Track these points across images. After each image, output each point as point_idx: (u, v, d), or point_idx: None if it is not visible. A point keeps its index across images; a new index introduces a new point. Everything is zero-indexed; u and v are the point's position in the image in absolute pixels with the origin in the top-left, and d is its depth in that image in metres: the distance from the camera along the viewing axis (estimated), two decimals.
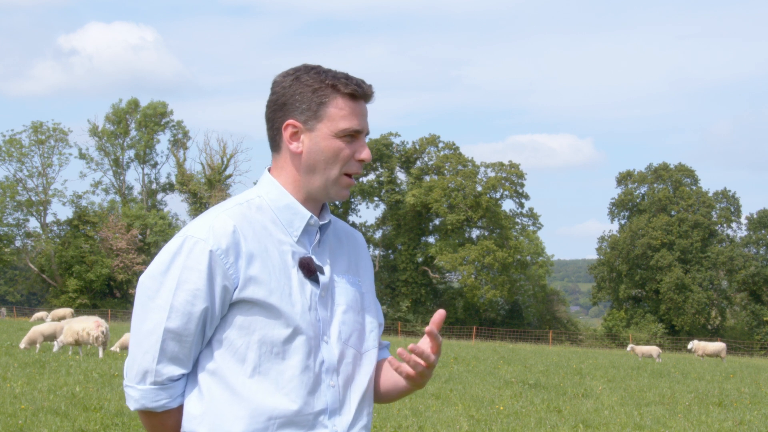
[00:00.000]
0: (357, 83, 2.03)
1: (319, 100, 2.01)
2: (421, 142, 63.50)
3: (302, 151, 2.04)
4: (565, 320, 61.50)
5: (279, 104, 2.05)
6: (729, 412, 12.68)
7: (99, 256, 57.23)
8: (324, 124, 2.01)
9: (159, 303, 1.96)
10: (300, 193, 2.07)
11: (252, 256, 1.98)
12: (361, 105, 2.05)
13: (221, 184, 61.14)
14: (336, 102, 2.01)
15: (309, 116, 2.02)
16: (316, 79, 2.02)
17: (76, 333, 18.29)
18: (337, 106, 2.01)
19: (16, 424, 8.72)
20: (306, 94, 2.02)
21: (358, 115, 2.03)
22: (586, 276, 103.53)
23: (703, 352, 30.08)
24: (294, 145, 2.04)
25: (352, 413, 2.03)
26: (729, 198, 62.02)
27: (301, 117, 2.03)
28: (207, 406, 1.97)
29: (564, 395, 14.22)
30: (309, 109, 2.02)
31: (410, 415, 10.67)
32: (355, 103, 2.03)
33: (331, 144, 2.02)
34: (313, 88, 2.02)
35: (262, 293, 1.97)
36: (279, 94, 2.05)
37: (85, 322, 18.75)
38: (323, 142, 2.02)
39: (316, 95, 2.01)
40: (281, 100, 2.04)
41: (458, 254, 57.58)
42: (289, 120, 2.03)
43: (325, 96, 2.01)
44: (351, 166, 2.04)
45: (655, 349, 28.42)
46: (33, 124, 59.48)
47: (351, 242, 2.22)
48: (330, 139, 2.02)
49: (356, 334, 2.10)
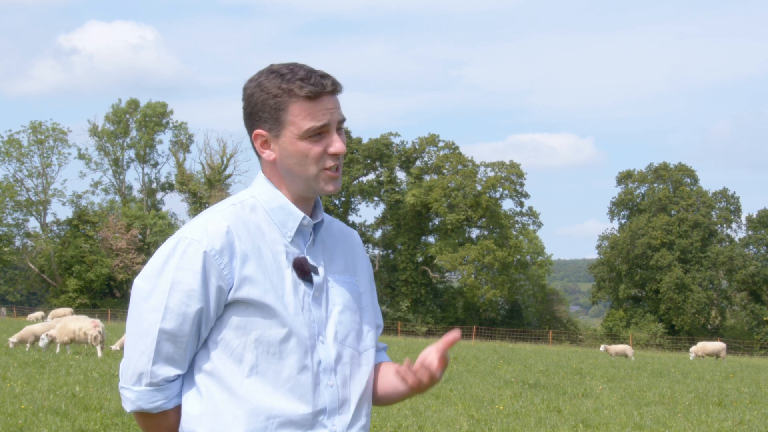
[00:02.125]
0: (314, 83, 2.00)
1: (278, 107, 2.00)
2: (421, 141, 63.52)
3: (275, 158, 2.05)
4: (564, 320, 61.51)
5: (247, 113, 2.06)
6: (729, 412, 12.67)
7: (99, 255, 57.25)
8: (287, 129, 2.01)
9: (154, 304, 1.96)
10: (289, 194, 2.08)
11: (246, 256, 1.98)
12: (323, 101, 2.01)
13: (221, 183, 61.13)
14: (294, 107, 2.00)
15: (272, 124, 2.02)
16: (274, 84, 2.01)
17: (72, 332, 18.25)
18: (294, 112, 2.00)
19: (16, 423, 8.71)
20: (267, 102, 2.01)
21: (321, 111, 2.01)
22: (586, 276, 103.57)
23: (702, 352, 30.10)
24: (266, 153, 2.05)
25: (351, 413, 2.04)
26: (729, 198, 62.03)
27: (266, 126, 2.03)
28: (206, 406, 1.98)
29: (564, 395, 14.21)
30: (271, 117, 2.02)
31: (410, 414, 10.67)
32: (314, 102, 2.00)
33: (299, 147, 2.01)
34: (272, 95, 2.01)
35: (257, 293, 1.97)
36: (246, 102, 2.06)
37: (82, 322, 18.70)
38: (291, 146, 2.02)
39: (275, 102, 2.01)
40: (248, 109, 2.05)
41: (458, 254, 57.59)
42: (256, 130, 2.04)
43: (283, 102, 2.00)
44: (325, 161, 2.03)
45: (629, 349, 28.76)
46: (32, 124, 59.52)
47: (347, 242, 2.22)
48: (296, 143, 2.01)
49: (353, 334, 2.09)
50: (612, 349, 28.53)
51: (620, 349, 28.47)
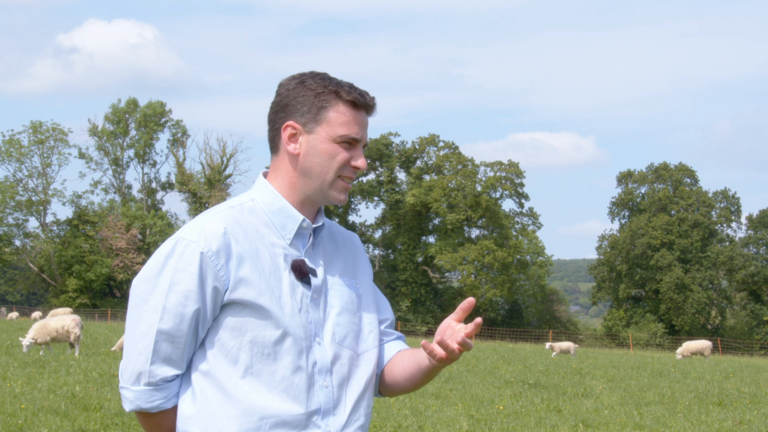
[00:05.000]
0: (360, 93, 2.06)
1: (321, 104, 2.04)
2: (421, 141, 63.54)
3: (299, 153, 2.06)
4: (564, 320, 61.52)
5: (281, 106, 2.08)
6: (729, 412, 12.66)
7: (99, 255, 57.23)
8: (323, 127, 2.04)
9: (152, 305, 1.98)
10: (296, 195, 2.09)
11: (242, 258, 2.00)
12: (362, 114, 2.07)
13: (221, 183, 61.12)
14: (337, 107, 2.03)
15: (309, 119, 2.04)
16: (320, 84, 2.05)
17: (55, 331, 17.89)
18: (337, 112, 2.03)
19: (16, 423, 8.72)
20: (308, 98, 2.04)
21: (358, 124, 2.05)
22: (586, 276, 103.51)
23: (687, 352, 30.09)
24: (292, 146, 2.06)
25: (346, 414, 2.04)
26: (729, 198, 62.03)
27: (301, 119, 2.05)
28: (200, 406, 1.99)
29: (564, 395, 14.21)
30: (309, 111, 2.04)
31: (410, 414, 10.67)
32: (356, 111, 2.05)
33: (329, 147, 2.04)
34: (316, 92, 2.04)
35: (252, 294, 1.98)
36: (282, 96, 2.08)
37: (62, 320, 18.24)
38: (321, 145, 2.04)
39: (318, 99, 2.04)
40: (284, 101, 2.07)
41: (458, 254, 57.59)
42: (289, 121, 2.06)
43: (327, 101, 2.04)
44: (345, 170, 2.06)
45: (572, 345, 29.03)
46: (32, 124, 59.44)
47: (347, 245, 2.23)
48: (327, 143, 2.04)
49: (352, 335, 2.10)
50: (557, 346, 28.76)
51: (565, 347, 28.81)
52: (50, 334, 17.95)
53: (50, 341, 18.10)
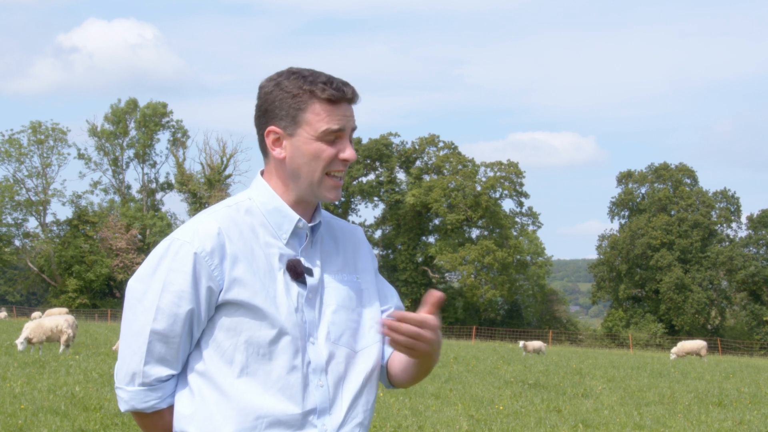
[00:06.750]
0: (336, 87, 2.03)
1: (297, 107, 2.02)
2: (421, 141, 63.56)
3: (285, 157, 2.06)
4: (564, 320, 61.52)
5: (262, 111, 2.08)
6: (729, 412, 12.66)
7: (98, 255, 57.24)
8: (303, 129, 2.03)
9: (146, 305, 1.99)
10: (291, 195, 2.09)
11: (237, 258, 1.99)
12: (342, 107, 2.05)
13: (221, 183, 61.12)
14: (313, 108, 2.02)
15: (288, 122, 2.03)
16: (295, 84, 2.03)
17: (50, 330, 18.00)
18: (314, 112, 2.02)
19: (16, 423, 8.71)
20: (285, 101, 2.03)
21: (338, 117, 2.04)
22: (585, 276, 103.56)
23: (682, 352, 29.97)
24: (277, 150, 2.06)
25: (342, 413, 2.03)
26: (729, 198, 62.03)
27: (281, 123, 2.04)
28: (197, 406, 1.99)
29: (564, 395, 14.21)
30: (288, 115, 2.03)
31: (410, 414, 10.66)
32: (334, 106, 2.03)
33: (312, 148, 2.03)
34: (291, 94, 2.03)
35: (246, 295, 1.98)
36: (262, 100, 2.08)
37: (56, 320, 18.35)
38: (304, 146, 2.03)
39: (294, 101, 2.03)
40: (264, 106, 2.07)
41: (458, 254, 57.59)
42: (270, 126, 2.05)
43: (303, 101, 2.02)
44: (334, 165, 2.05)
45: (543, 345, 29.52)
46: (32, 124, 59.48)
47: (349, 240, 2.22)
48: (310, 143, 2.03)
49: (349, 333, 2.09)
50: (530, 345, 28.95)
51: (537, 346, 29.14)
52: (45, 334, 18.07)
53: (45, 341, 18.21)
